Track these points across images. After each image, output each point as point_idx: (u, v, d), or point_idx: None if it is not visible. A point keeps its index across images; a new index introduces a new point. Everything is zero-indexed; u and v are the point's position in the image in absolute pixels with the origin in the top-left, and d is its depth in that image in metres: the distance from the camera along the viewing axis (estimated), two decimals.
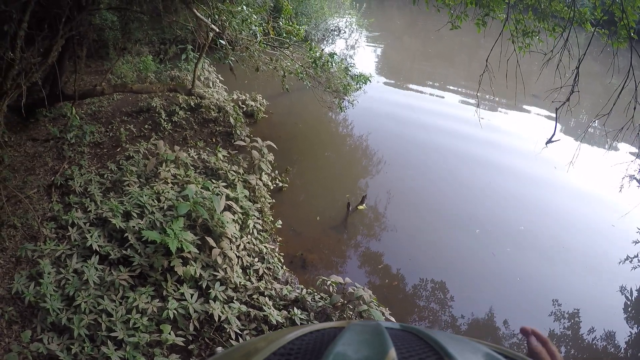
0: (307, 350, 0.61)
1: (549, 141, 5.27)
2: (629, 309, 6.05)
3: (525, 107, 11.49)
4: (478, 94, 6.73)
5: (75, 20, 6.18)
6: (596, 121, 6.07)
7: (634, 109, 4.68)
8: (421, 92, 13.26)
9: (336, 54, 8.41)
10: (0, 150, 6.01)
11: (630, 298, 6.19)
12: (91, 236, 4.98)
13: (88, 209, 5.53)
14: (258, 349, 0.59)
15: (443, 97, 12.91)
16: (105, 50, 10.53)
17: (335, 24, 16.62)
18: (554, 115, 10.58)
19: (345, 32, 16.85)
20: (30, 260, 4.89)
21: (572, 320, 5.72)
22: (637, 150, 9.13)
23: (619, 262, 6.72)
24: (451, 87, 13.82)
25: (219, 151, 7.06)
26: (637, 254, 6.92)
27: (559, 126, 5.43)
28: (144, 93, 8.33)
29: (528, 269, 6.37)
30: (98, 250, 4.87)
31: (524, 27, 6.07)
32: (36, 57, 6.05)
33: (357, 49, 15.73)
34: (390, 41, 19.40)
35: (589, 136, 9.40)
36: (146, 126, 7.98)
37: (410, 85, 13.70)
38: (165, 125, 7.98)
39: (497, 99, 8.91)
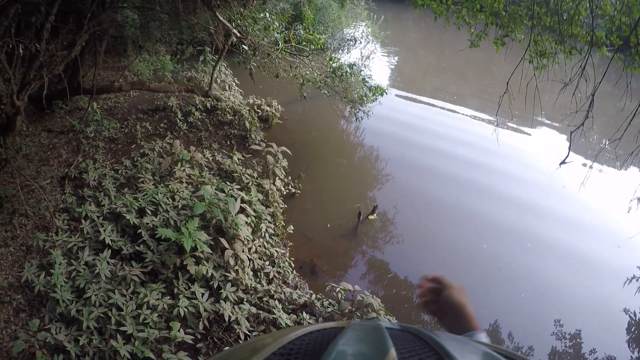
0: (307, 350, 0.61)
1: (563, 162, 5.28)
2: (632, 330, 6.02)
3: (536, 124, 11.49)
4: (497, 115, 6.77)
5: (100, 16, 6.24)
6: (606, 144, 6.11)
7: None
8: (433, 105, 13.26)
9: (355, 65, 8.44)
10: (18, 139, 6.05)
11: (634, 319, 6.16)
12: (104, 230, 4.99)
13: (102, 203, 5.54)
14: (265, 345, 0.59)
15: (455, 111, 12.91)
16: (123, 47, 10.62)
17: (352, 34, 16.70)
18: (563, 133, 10.63)
19: (360, 42, 16.93)
20: (41, 250, 4.89)
21: (574, 341, 5.70)
22: None
23: (624, 284, 6.69)
24: (463, 101, 13.84)
25: (234, 154, 7.07)
26: None
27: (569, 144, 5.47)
28: (161, 92, 8.37)
29: (533, 286, 6.36)
30: (110, 244, 4.88)
31: (541, 47, 6.12)
32: (60, 49, 6.11)
33: (372, 59, 15.76)
34: (405, 54, 19.47)
35: (599, 157, 9.38)
36: (162, 125, 8.01)
37: (423, 99, 13.71)
38: (181, 125, 8.01)
39: (511, 117, 8.95)
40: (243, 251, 5.05)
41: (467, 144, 10.37)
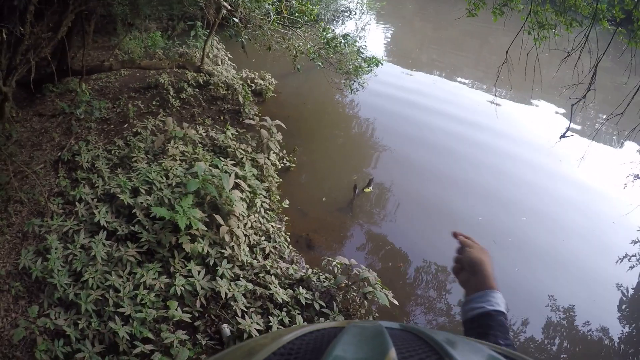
0: (307, 350, 0.61)
1: (563, 136, 5.22)
2: (624, 307, 6.03)
3: (536, 98, 11.35)
4: (495, 86, 6.68)
5: None
6: (607, 119, 6.04)
7: None
8: (430, 76, 13.16)
9: (349, 36, 8.32)
10: (8, 125, 6.00)
11: (626, 295, 6.17)
12: (99, 212, 4.99)
13: (95, 185, 5.54)
14: (262, 345, 0.59)
15: (452, 83, 12.79)
16: (113, 25, 10.44)
17: (346, 5, 16.44)
18: (562, 108, 10.52)
19: (355, 13, 16.68)
20: (37, 236, 4.90)
21: (567, 314, 5.70)
22: None
23: (617, 260, 6.66)
24: (460, 73, 13.70)
25: (227, 129, 7.02)
26: (636, 253, 6.86)
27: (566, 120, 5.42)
28: (152, 69, 8.28)
29: (527, 260, 6.34)
30: (106, 226, 4.88)
31: (541, 18, 5.98)
32: (45, 32, 6.01)
33: (367, 31, 15.53)
34: (401, 25, 19.22)
35: (597, 132, 9.32)
36: (154, 102, 7.94)
37: (420, 70, 13.56)
38: (173, 102, 7.94)
39: (509, 89, 8.84)
40: (238, 227, 5.05)
41: (464, 116, 10.28)
